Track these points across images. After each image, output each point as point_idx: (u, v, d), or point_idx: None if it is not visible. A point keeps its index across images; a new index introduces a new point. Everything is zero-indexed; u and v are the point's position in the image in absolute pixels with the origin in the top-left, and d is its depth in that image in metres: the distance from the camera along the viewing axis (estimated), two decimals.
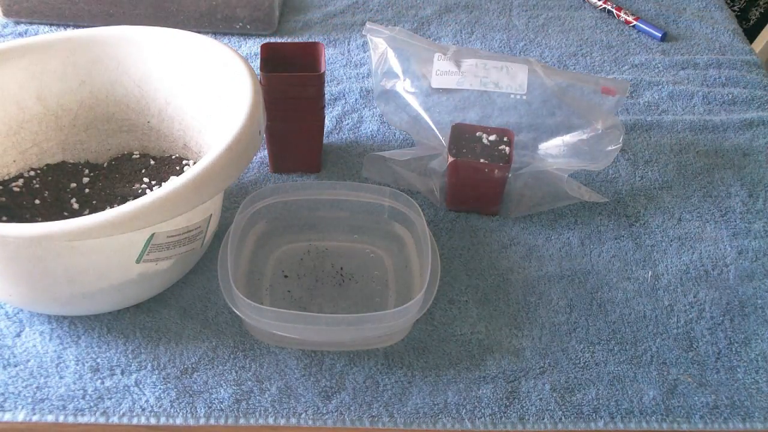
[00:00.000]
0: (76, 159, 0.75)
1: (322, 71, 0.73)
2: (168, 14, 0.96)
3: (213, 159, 0.58)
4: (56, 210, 0.69)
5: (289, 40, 0.98)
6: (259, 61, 0.75)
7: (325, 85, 0.79)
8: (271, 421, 0.60)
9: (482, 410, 0.61)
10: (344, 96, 0.90)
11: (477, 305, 0.69)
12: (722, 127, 0.88)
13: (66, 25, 0.98)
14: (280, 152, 0.78)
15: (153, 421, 0.60)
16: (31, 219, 0.67)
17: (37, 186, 0.71)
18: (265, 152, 0.80)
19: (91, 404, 0.60)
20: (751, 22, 1.47)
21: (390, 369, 0.64)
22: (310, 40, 0.97)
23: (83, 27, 0.78)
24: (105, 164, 0.76)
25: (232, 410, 0.60)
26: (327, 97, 0.88)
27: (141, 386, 0.61)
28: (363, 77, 0.93)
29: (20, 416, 0.59)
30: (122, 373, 0.62)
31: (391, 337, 0.65)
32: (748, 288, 0.72)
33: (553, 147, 0.77)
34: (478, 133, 0.76)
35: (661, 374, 0.64)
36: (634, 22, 1.03)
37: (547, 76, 0.77)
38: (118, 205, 0.60)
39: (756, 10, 1.46)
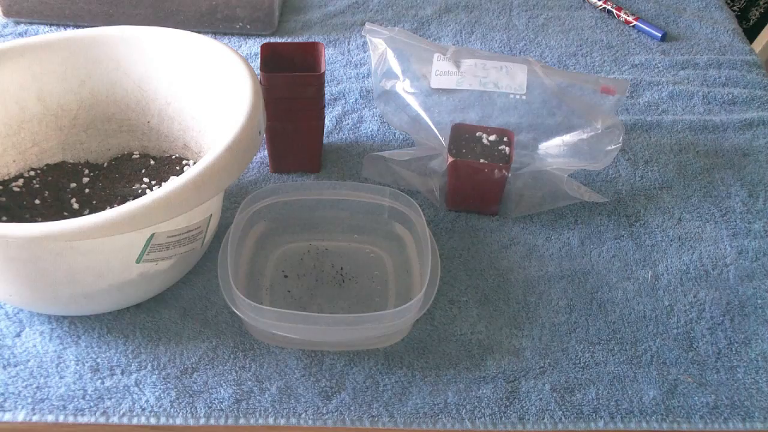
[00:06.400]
0: (76, 159, 0.75)
1: (322, 71, 0.73)
2: (168, 14, 0.96)
3: (213, 159, 0.58)
4: (56, 210, 0.69)
5: (289, 40, 0.98)
6: (259, 61, 0.75)
7: (325, 85, 0.79)
8: (271, 421, 0.60)
9: (482, 410, 0.61)
10: (344, 96, 0.90)
11: (477, 305, 0.69)
12: (722, 127, 0.88)
13: (66, 25, 0.98)
14: (280, 152, 0.78)
15: (153, 421, 0.60)
16: (31, 219, 0.67)
17: (37, 186, 0.71)
18: (265, 152, 0.80)
19: (91, 404, 0.60)
20: (751, 22, 1.47)
21: (390, 369, 0.64)
22: (310, 40, 0.97)
23: (83, 27, 0.78)
24: (105, 164, 0.76)
25: (232, 410, 0.60)
26: (327, 97, 0.88)
27: (141, 386, 0.61)
28: (363, 77, 0.93)
29: (20, 416, 0.59)
30: (122, 373, 0.62)
31: (391, 337, 0.65)
32: (748, 288, 0.72)
33: (553, 147, 0.77)
34: (478, 133, 0.76)
35: (661, 374, 0.64)
36: (634, 22, 1.03)
37: (547, 76, 0.77)
38: (118, 205, 0.60)
39: (756, 10, 1.46)
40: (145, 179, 0.72)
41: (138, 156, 0.76)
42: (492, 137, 0.75)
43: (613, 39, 1.02)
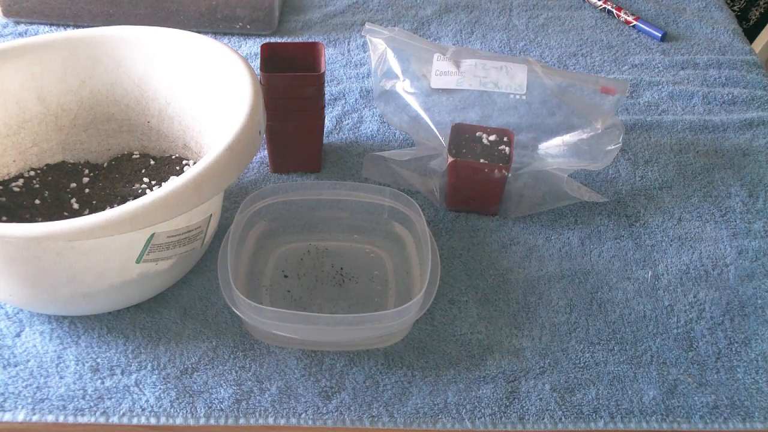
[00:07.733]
0: (76, 159, 0.75)
1: (322, 71, 0.73)
2: (168, 14, 0.96)
3: (213, 159, 0.58)
4: (56, 210, 0.69)
5: (289, 40, 0.98)
6: (259, 61, 0.75)
7: (325, 85, 0.79)
8: (271, 421, 0.60)
9: (482, 410, 0.61)
10: (344, 96, 0.90)
11: (477, 305, 0.69)
12: (722, 127, 0.88)
13: (66, 25, 0.98)
14: (280, 152, 0.78)
15: (153, 421, 0.60)
16: (31, 219, 0.67)
17: (37, 186, 0.71)
18: (265, 152, 0.80)
19: (91, 404, 0.60)
20: (751, 22, 1.47)
21: (390, 369, 0.64)
22: (310, 40, 0.97)
23: (83, 27, 0.78)
24: (105, 164, 0.76)
25: (232, 410, 0.60)
26: (327, 97, 0.88)
27: (141, 386, 0.61)
28: (363, 77, 0.93)
29: (20, 416, 0.59)
30: (122, 373, 0.62)
31: (391, 337, 0.65)
32: (748, 288, 0.72)
33: (553, 147, 0.77)
34: (478, 133, 0.76)
35: (661, 374, 0.64)
36: (634, 22, 1.03)
37: (547, 76, 0.77)
38: (118, 205, 0.60)
39: (756, 10, 1.46)
40: (145, 179, 0.72)
41: (138, 156, 0.76)
42: (492, 137, 0.75)
43: (613, 39, 1.02)
